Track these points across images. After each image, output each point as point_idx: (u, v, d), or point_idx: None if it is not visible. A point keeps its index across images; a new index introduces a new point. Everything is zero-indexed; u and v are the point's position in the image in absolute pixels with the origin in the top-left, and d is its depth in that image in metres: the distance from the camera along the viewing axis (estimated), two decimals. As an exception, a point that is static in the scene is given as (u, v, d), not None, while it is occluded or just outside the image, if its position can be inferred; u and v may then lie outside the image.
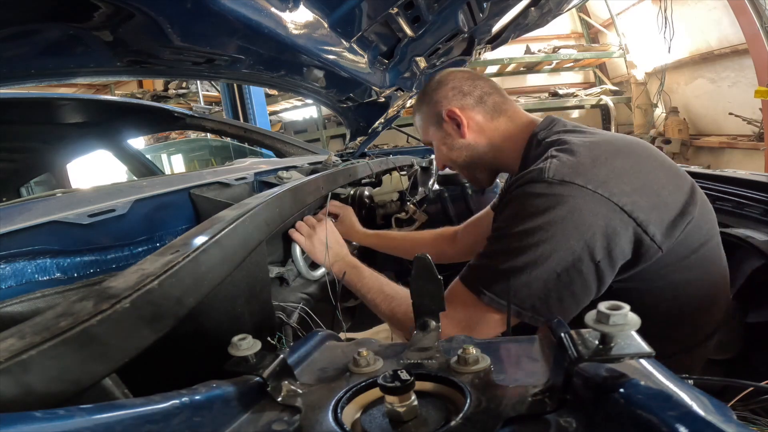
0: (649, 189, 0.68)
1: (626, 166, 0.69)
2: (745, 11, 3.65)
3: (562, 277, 0.66)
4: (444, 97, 0.91)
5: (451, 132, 0.92)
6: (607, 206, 0.65)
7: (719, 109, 4.70)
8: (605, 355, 0.28)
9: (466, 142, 0.91)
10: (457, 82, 0.92)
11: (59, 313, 0.35)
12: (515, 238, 0.68)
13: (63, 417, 0.24)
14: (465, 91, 0.91)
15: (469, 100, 0.90)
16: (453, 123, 0.91)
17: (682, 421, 0.22)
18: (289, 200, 0.82)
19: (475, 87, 0.91)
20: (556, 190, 0.67)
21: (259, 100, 3.85)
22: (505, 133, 0.90)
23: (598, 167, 0.68)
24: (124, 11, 0.71)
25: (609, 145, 0.73)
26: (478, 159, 0.93)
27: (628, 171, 0.69)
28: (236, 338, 0.38)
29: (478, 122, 0.90)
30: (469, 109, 0.90)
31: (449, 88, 0.91)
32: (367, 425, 0.33)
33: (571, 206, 0.65)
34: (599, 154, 0.70)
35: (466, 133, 0.90)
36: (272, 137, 2.13)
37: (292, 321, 0.84)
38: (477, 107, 0.90)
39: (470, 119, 0.90)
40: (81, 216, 0.66)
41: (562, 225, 0.65)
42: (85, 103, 1.70)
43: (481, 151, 0.92)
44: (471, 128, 0.90)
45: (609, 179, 0.67)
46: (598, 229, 0.65)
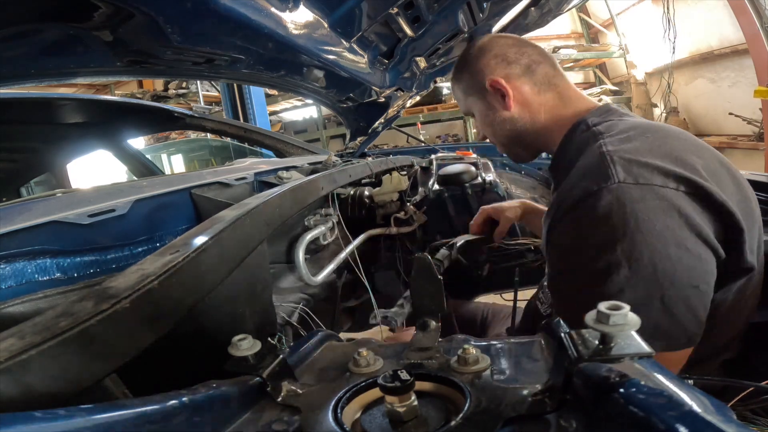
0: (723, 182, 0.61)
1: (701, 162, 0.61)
2: (745, 11, 3.65)
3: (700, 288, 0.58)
4: (486, 66, 0.82)
5: (495, 104, 0.83)
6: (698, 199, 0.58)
7: (719, 109, 4.70)
8: (605, 355, 0.28)
9: (510, 115, 0.82)
10: (501, 48, 0.82)
11: (59, 313, 0.35)
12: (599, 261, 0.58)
13: (63, 417, 0.24)
14: (510, 59, 0.81)
15: (515, 69, 0.81)
16: (497, 94, 0.82)
17: (682, 421, 0.22)
18: (289, 200, 0.82)
19: (522, 54, 0.81)
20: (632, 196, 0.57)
21: (259, 100, 3.85)
22: (552, 111, 0.81)
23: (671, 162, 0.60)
24: (124, 11, 0.71)
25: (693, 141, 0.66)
26: (521, 134, 0.84)
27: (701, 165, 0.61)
28: (236, 338, 0.38)
29: (525, 94, 0.81)
30: (515, 78, 0.81)
31: (492, 56, 0.82)
32: (367, 425, 0.33)
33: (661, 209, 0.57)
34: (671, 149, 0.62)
35: (511, 105, 0.81)
36: (272, 137, 2.13)
37: (292, 321, 0.84)
38: (524, 77, 0.81)
39: (516, 90, 0.81)
40: (81, 216, 0.66)
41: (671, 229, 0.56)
42: (85, 103, 1.70)
43: (525, 127, 0.83)
44: (516, 100, 0.81)
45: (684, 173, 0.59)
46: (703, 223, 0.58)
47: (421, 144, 3.39)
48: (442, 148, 2.57)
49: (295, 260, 0.99)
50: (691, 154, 0.62)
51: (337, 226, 1.16)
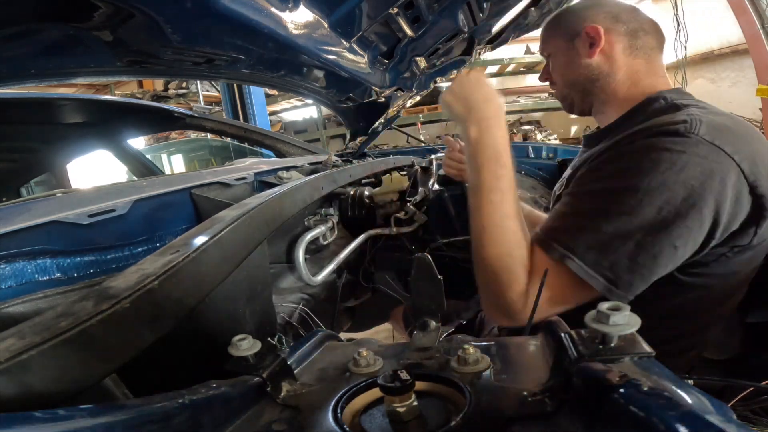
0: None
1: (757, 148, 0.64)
2: (745, 11, 3.64)
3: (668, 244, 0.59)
4: (594, 15, 0.81)
5: (580, 49, 0.81)
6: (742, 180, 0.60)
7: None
8: (605, 355, 0.28)
9: (589, 62, 0.80)
10: (615, 7, 0.81)
11: (59, 313, 0.35)
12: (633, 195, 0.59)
13: (63, 417, 0.24)
14: (623, 19, 0.80)
15: (620, 27, 0.79)
16: (587, 41, 0.80)
17: (682, 421, 0.22)
18: (289, 200, 0.82)
19: (634, 19, 0.80)
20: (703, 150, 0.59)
21: (259, 100, 3.85)
22: (633, 76, 0.80)
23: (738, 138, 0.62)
24: (124, 11, 0.71)
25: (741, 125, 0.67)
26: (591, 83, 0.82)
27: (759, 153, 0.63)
28: (236, 338, 0.38)
29: (616, 50, 0.79)
30: (614, 34, 0.79)
31: (605, 10, 0.81)
32: (367, 425, 0.33)
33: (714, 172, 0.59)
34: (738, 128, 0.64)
35: (596, 53, 0.79)
36: (272, 137, 2.13)
37: (293, 321, 0.84)
38: (624, 37, 0.79)
39: (609, 43, 0.79)
40: (81, 216, 0.66)
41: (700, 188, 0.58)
42: (85, 103, 1.70)
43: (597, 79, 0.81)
44: (604, 52, 0.79)
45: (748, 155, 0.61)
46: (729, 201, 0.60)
47: (421, 144, 3.39)
48: (442, 148, 2.57)
49: (295, 260, 0.99)
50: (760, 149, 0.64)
51: (337, 225, 1.16)
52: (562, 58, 0.85)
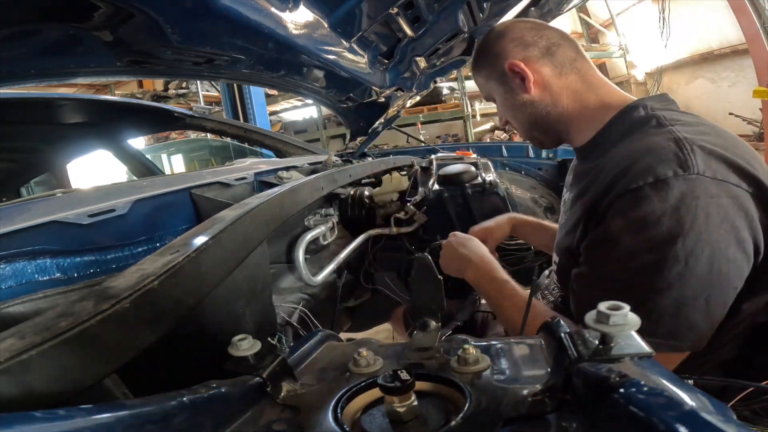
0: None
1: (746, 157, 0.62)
2: (745, 11, 3.64)
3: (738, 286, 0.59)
4: (504, 50, 0.81)
5: (515, 87, 0.81)
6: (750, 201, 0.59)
7: (719, 109, 4.70)
8: (605, 355, 0.28)
9: (530, 97, 0.80)
10: (519, 32, 0.81)
11: (59, 313, 0.35)
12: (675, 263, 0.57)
13: (63, 417, 0.24)
14: (528, 41, 0.80)
15: (533, 52, 0.79)
16: (517, 78, 0.80)
17: (682, 421, 0.22)
18: (289, 200, 0.82)
19: (541, 37, 0.80)
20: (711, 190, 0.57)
21: (259, 100, 3.85)
22: (575, 95, 0.79)
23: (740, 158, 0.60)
24: (124, 11, 0.71)
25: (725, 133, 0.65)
26: (542, 118, 0.82)
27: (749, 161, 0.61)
28: (236, 338, 0.38)
29: (545, 77, 0.79)
30: (534, 61, 0.79)
31: (510, 39, 0.81)
32: (367, 425, 0.33)
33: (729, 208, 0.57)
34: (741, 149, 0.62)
35: (531, 87, 0.79)
36: (272, 137, 2.13)
37: (292, 321, 0.84)
38: (543, 59, 0.79)
39: (536, 72, 0.79)
40: (81, 216, 0.66)
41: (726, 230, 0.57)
42: (85, 103, 1.70)
43: (547, 110, 0.81)
44: (536, 83, 0.79)
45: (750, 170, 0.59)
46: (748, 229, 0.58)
47: (421, 144, 3.39)
48: (442, 148, 2.57)
49: (295, 260, 0.99)
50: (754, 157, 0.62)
51: (337, 225, 1.16)
52: (505, 102, 0.85)
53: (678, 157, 0.59)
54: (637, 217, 0.60)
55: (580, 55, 0.81)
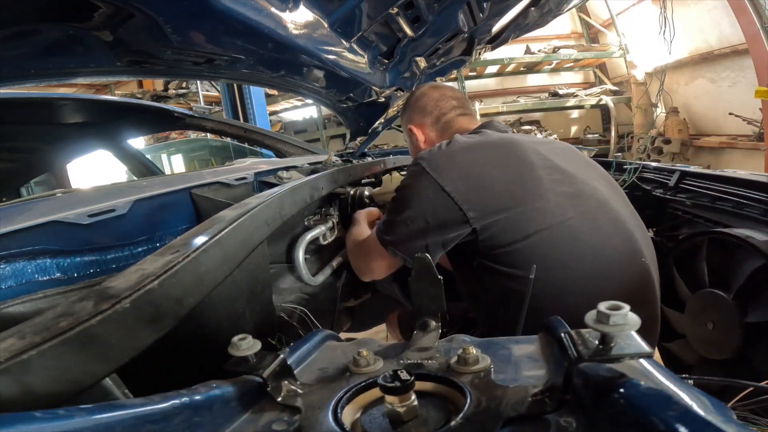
0: (476, 179, 0.88)
1: (467, 160, 0.91)
2: (745, 11, 3.64)
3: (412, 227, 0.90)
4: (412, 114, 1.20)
5: (414, 141, 1.20)
6: (436, 186, 0.88)
7: (719, 109, 4.69)
8: (605, 355, 0.28)
9: (421, 147, 1.18)
10: (424, 101, 1.18)
11: (59, 313, 0.35)
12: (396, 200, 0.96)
13: (63, 417, 0.24)
14: (428, 111, 1.17)
15: (427, 120, 1.17)
16: (414, 136, 1.19)
17: (682, 421, 0.22)
18: (289, 200, 0.82)
19: (437, 108, 1.16)
20: (415, 170, 0.93)
21: (259, 100, 3.85)
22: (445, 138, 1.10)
23: (445, 159, 0.91)
24: (124, 11, 0.71)
25: (472, 145, 0.95)
26: None
27: (465, 164, 0.90)
28: (236, 338, 0.38)
29: (431, 137, 1.17)
30: (426, 127, 1.18)
31: (417, 108, 1.19)
32: (367, 425, 0.33)
33: (420, 183, 0.91)
34: (455, 150, 0.93)
35: (422, 145, 1.18)
36: (272, 137, 2.13)
37: (293, 321, 0.84)
38: (433, 126, 1.17)
39: (426, 135, 1.18)
40: (81, 216, 0.66)
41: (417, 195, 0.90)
42: (85, 103, 1.70)
43: None
44: (426, 141, 1.18)
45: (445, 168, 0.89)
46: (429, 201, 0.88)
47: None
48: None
49: (295, 260, 0.99)
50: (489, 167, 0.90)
51: (337, 226, 1.17)
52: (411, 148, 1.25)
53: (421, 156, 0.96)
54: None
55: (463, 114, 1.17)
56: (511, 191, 0.87)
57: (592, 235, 0.86)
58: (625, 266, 0.87)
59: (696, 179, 1.34)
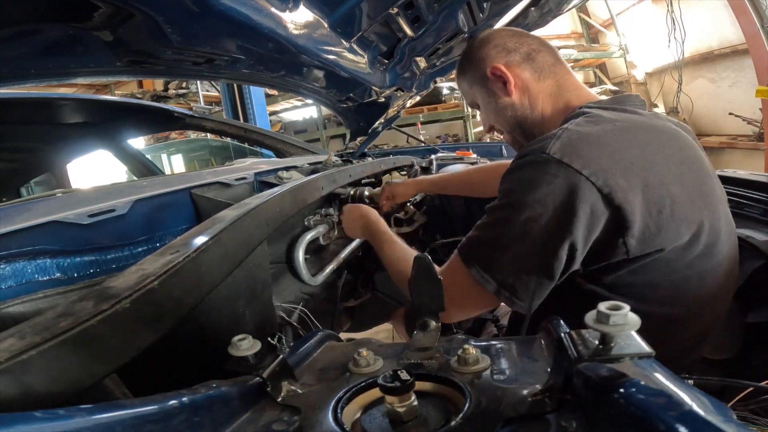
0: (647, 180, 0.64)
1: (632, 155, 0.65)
2: (745, 11, 3.64)
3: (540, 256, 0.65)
4: (487, 55, 0.85)
5: (497, 91, 0.85)
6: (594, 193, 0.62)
7: (719, 109, 4.70)
8: (605, 355, 0.28)
9: (511, 101, 0.84)
10: (500, 39, 0.86)
11: (59, 313, 0.35)
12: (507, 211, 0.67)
13: (63, 417, 0.24)
14: (510, 47, 0.84)
15: (515, 57, 0.84)
16: (499, 81, 0.84)
17: (682, 421, 0.22)
18: (289, 200, 0.82)
19: (522, 43, 0.84)
20: (552, 169, 0.64)
21: (259, 100, 3.85)
22: (549, 98, 0.83)
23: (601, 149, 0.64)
24: (124, 11, 0.71)
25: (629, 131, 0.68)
26: (522, 121, 0.86)
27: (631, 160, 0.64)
28: (236, 338, 0.38)
29: (525, 80, 0.83)
30: (515, 65, 0.83)
31: (492, 46, 0.85)
32: (367, 425, 0.33)
33: (563, 189, 0.63)
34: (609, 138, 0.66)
35: (513, 91, 0.83)
36: (272, 137, 2.13)
37: (292, 321, 0.84)
38: (524, 64, 0.83)
39: (517, 77, 0.83)
40: (81, 216, 0.66)
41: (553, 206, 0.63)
42: (85, 103, 1.70)
43: (525, 113, 0.85)
44: (517, 86, 0.83)
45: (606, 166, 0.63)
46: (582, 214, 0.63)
47: (421, 144, 3.39)
48: (442, 148, 2.57)
49: (295, 260, 0.99)
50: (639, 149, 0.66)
51: (337, 226, 1.17)
52: (488, 105, 0.90)
53: (545, 141, 0.66)
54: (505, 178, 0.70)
55: (559, 61, 0.85)
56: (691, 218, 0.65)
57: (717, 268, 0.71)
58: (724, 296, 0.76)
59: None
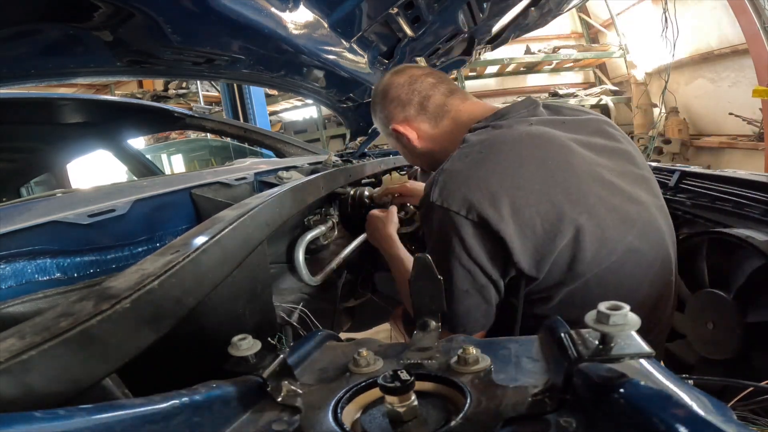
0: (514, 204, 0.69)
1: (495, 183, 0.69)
2: (745, 11, 3.64)
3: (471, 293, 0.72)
4: (389, 114, 0.92)
5: (406, 143, 0.94)
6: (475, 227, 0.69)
7: (719, 109, 4.69)
8: (605, 355, 0.28)
9: (421, 150, 0.93)
10: (396, 91, 0.90)
11: (59, 313, 0.35)
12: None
13: (63, 417, 0.24)
14: (404, 100, 0.89)
15: (410, 111, 0.89)
16: (404, 137, 0.92)
17: (682, 421, 0.22)
18: (289, 200, 0.82)
19: (413, 92, 0.89)
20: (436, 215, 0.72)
21: (259, 100, 3.85)
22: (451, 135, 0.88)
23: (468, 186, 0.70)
24: (124, 11, 0.71)
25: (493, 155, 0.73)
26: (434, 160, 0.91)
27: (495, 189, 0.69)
28: (236, 338, 0.38)
29: (425, 131, 0.90)
30: (412, 119, 0.90)
31: (389, 101, 0.91)
32: (367, 425, 0.33)
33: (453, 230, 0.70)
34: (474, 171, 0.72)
35: (417, 144, 0.92)
36: (272, 137, 2.13)
37: (292, 321, 0.84)
38: (420, 116, 0.89)
39: (417, 129, 0.90)
40: (81, 216, 0.66)
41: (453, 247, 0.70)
42: (85, 103, 1.70)
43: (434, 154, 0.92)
44: (421, 138, 0.91)
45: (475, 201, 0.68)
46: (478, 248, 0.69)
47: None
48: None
49: (295, 260, 0.99)
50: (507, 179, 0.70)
51: (337, 226, 1.17)
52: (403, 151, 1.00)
53: (430, 186, 0.74)
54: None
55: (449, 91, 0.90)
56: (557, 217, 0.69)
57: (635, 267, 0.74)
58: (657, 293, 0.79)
59: (696, 179, 1.34)
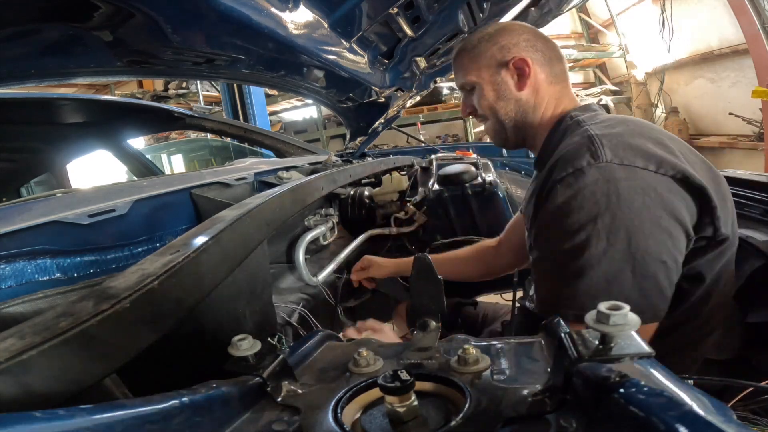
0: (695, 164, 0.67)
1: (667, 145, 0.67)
2: (745, 11, 3.64)
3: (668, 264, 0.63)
4: (515, 44, 0.83)
5: (509, 81, 0.84)
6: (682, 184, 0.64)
7: (719, 109, 4.69)
8: (605, 355, 0.28)
9: (519, 96, 0.84)
10: (531, 35, 0.85)
11: (59, 313, 0.35)
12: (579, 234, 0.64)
13: (63, 417, 0.24)
14: (538, 47, 0.84)
15: (539, 57, 0.83)
16: (516, 73, 0.83)
17: (682, 421, 0.22)
18: (289, 200, 0.82)
19: (548, 48, 0.85)
20: (619, 173, 0.63)
21: (259, 100, 3.85)
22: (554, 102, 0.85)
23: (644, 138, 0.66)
24: (124, 11, 0.71)
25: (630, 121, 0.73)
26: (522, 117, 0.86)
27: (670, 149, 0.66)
28: (236, 338, 0.38)
29: (540, 81, 0.84)
30: (537, 64, 0.83)
31: (523, 38, 0.84)
32: (367, 425, 0.33)
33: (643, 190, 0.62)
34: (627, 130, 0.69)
35: (526, 86, 0.83)
36: (272, 137, 2.13)
37: (292, 321, 0.84)
38: (544, 67, 0.84)
39: (536, 75, 0.83)
40: (81, 216, 0.66)
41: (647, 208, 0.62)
42: (85, 103, 1.70)
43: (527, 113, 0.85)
44: (531, 84, 0.83)
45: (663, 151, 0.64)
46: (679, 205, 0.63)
47: (421, 144, 3.39)
48: (442, 148, 2.57)
49: (295, 260, 0.99)
50: (667, 140, 0.69)
51: (337, 225, 1.17)
52: (490, 92, 0.86)
53: (590, 150, 0.66)
54: (562, 203, 0.66)
55: (566, 72, 0.89)
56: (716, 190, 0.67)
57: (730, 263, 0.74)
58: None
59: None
